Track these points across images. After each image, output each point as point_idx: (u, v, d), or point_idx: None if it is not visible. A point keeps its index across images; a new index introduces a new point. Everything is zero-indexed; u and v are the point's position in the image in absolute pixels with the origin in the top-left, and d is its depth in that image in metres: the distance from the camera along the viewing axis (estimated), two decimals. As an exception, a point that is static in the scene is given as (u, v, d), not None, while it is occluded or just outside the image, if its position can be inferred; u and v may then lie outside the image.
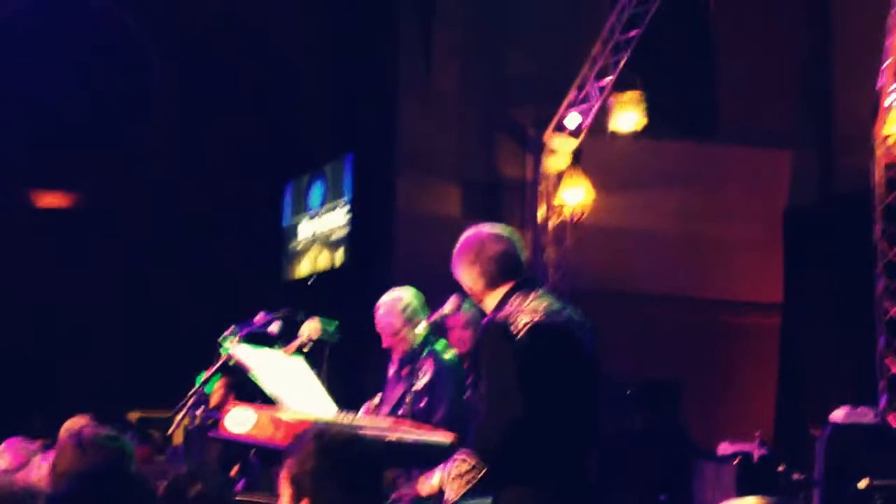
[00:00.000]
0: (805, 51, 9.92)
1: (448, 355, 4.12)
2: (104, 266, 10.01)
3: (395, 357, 4.21)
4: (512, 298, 2.95)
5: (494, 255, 3.00)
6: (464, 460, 2.81)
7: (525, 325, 2.86)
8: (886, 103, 7.36)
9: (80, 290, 9.88)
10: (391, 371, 4.25)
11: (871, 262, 7.35)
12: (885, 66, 7.36)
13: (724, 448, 7.56)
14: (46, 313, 9.80)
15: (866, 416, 6.56)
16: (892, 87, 7.35)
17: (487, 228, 3.09)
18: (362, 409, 4.13)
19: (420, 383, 4.04)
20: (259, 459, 4.03)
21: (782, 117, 9.78)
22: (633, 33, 8.60)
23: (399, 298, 4.16)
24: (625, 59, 8.66)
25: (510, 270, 3.00)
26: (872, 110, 7.44)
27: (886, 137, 7.35)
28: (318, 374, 3.85)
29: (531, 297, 2.94)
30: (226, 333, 3.81)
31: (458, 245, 3.10)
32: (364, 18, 9.84)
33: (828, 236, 8.89)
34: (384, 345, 4.18)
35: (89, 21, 10.34)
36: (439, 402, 3.95)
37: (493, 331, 2.91)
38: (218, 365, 3.79)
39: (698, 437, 8.04)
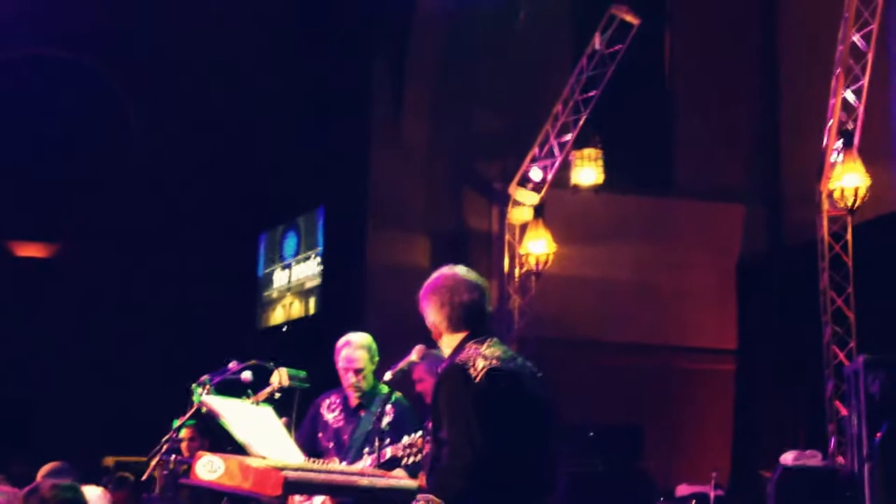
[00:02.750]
0: (756, 112, 10.36)
1: (403, 400, 4.31)
2: (82, 314, 10.10)
3: (351, 396, 4.33)
4: (468, 344, 3.02)
5: (464, 302, 3.06)
6: (427, 502, 2.86)
7: (483, 368, 2.92)
8: (831, 160, 7.74)
9: (57, 337, 9.96)
10: (335, 412, 4.38)
11: (819, 310, 7.66)
12: (829, 125, 7.77)
13: (682, 490, 7.79)
14: (24, 360, 9.84)
15: (814, 458, 6.79)
16: (835, 146, 7.73)
17: (463, 273, 3.12)
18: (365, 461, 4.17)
19: (384, 422, 4.18)
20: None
21: (735, 174, 10.17)
22: (592, 93, 9.00)
23: (368, 337, 4.34)
24: (584, 117, 9.04)
25: (474, 320, 3.07)
26: (818, 167, 7.80)
27: (831, 192, 7.69)
28: (288, 421, 3.96)
29: (486, 344, 3.01)
30: (198, 382, 3.90)
31: (431, 281, 3.13)
32: (337, 76, 10.13)
33: (778, 286, 9.22)
34: (348, 382, 4.29)
35: (68, 78, 10.56)
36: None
37: (452, 374, 2.95)
38: (191, 412, 3.88)
39: (657, 479, 8.22)
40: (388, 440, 4.13)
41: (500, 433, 2.87)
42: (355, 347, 4.30)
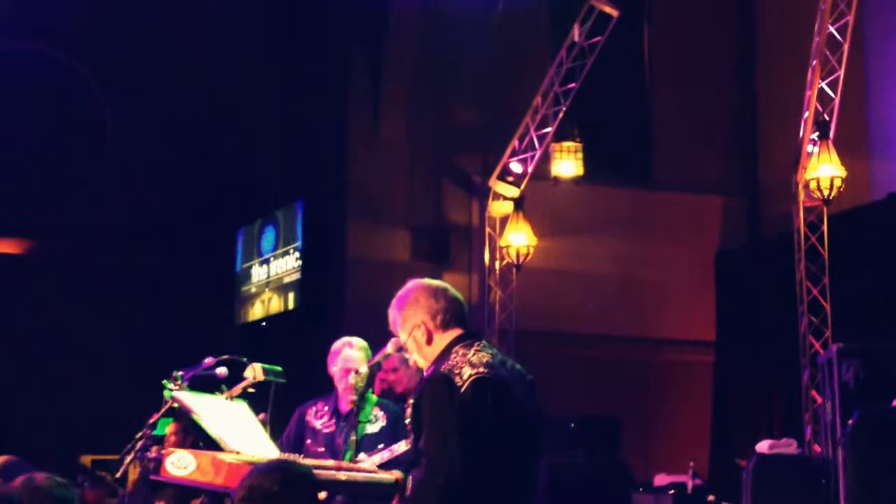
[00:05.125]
0: (733, 105, 10.44)
1: (393, 405, 4.32)
2: (58, 311, 10.02)
3: (345, 399, 4.30)
4: (456, 348, 2.92)
5: (453, 298, 3.02)
6: None
7: (469, 377, 2.81)
8: (807, 152, 7.79)
9: (33, 334, 9.88)
10: (323, 418, 4.36)
11: (796, 300, 7.72)
12: (805, 117, 7.82)
13: (661, 479, 7.86)
14: (-1, 358, 9.78)
15: (790, 446, 6.86)
16: (811, 137, 7.80)
17: (434, 280, 3.10)
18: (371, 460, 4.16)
19: (376, 427, 4.23)
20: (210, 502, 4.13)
21: (713, 166, 10.25)
22: (571, 86, 9.02)
23: (364, 342, 4.32)
24: (564, 110, 9.06)
25: (462, 317, 3.01)
26: (795, 159, 7.87)
27: (807, 184, 7.75)
28: (265, 417, 3.93)
29: (474, 348, 2.92)
30: (170, 377, 3.87)
31: (406, 290, 3.06)
32: (315, 70, 10.11)
33: (756, 277, 9.29)
34: (347, 384, 4.23)
35: (41, 73, 10.48)
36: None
37: (436, 383, 2.85)
38: (164, 409, 3.85)
39: (636, 469, 8.29)
40: (381, 444, 4.13)
41: (483, 444, 2.78)
42: (356, 349, 4.29)
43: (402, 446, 4.08)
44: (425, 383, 2.90)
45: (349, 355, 4.29)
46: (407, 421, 3.02)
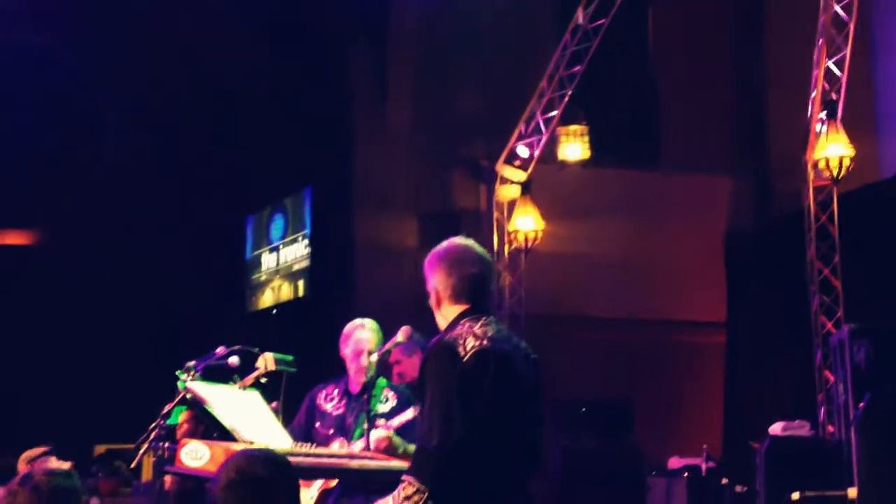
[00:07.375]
0: (740, 85, 10.37)
1: (402, 386, 4.35)
2: (69, 301, 10.06)
3: (355, 381, 4.31)
4: (464, 321, 2.97)
5: (472, 274, 3.02)
6: (410, 483, 2.78)
7: (472, 348, 2.87)
8: (815, 131, 7.76)
9: (44, 325, 9.93)
10: (333, 401, 4.36)
11: (807, 280, 7.70)
12: (813, 96, 7.78)
13: (674, 463, 7.87)
14: (11, 350, 9.79)
15: (802, 428, 6.87)
16: (819, 116, 7.75)
17: (474, 247, 3.10)
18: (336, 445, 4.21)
19: (386, 407, 4.23)
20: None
21: (721, 147, 10.18)
22: (576, 69, 8.97)
23: (376, 323, 4.34)
24: (569, 93, 9.02)
25: (476, 294, 3.02)
26: (803, 138, 7.83)
27: (816, 163, 7.73)
28: (277, 406, 3.93)
29: (480, 322, 2.96)
30: (183, 368, 3.87)
31: (442, 249, 3.10)
32: (321, 57, 10.09)
33: (766, 257, 9.27)
34: (359, 365, 4.25)
35: (43, 64, 10.48)
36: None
37: (439, 350, 2.90)
38: (178, 399, 3.84)
39: (650, 452, 8.29)
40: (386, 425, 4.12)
41: (484, 414, 2.81)
42: (368, 329, 4.32)
43: (407, 414, 4.09)
44: (429, 351, 2.94)
45: (361, 336, 4.32)
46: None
